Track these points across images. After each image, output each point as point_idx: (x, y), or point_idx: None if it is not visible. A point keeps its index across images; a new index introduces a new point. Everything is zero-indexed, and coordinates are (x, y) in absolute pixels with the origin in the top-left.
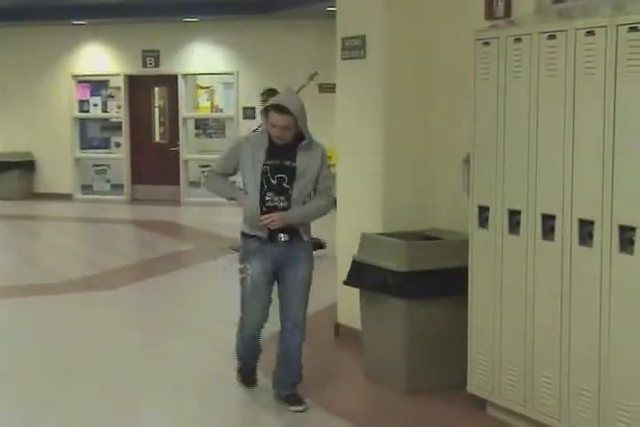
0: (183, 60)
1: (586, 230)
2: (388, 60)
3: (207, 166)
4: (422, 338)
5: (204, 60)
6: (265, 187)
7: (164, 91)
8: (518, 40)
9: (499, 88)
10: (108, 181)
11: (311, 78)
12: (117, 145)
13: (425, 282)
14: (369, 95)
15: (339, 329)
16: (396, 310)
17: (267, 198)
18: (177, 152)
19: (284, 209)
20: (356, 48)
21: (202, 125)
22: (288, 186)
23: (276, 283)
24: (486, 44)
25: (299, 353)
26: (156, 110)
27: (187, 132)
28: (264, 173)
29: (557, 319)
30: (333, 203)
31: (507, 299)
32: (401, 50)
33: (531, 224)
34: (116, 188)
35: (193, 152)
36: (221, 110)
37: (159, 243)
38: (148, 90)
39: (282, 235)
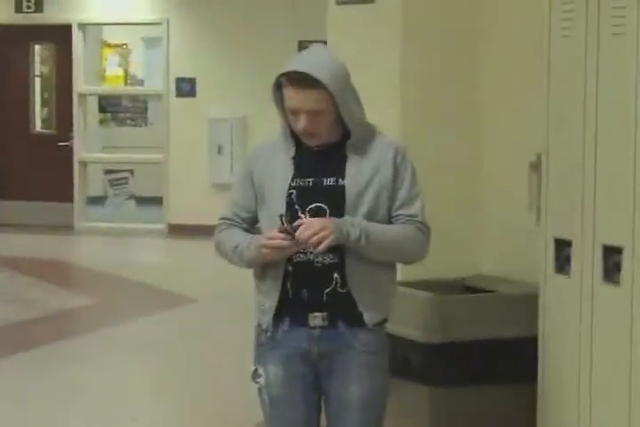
0: (80, 2)
1: None
2: (409, 5)
3: (116, 173)
4: None
5: (113, 1)
6: None
7: (51, 50)
8: None
9: (588, 51)
10: None
11: None
12: None
13: (465, 360)
14: (379, 59)
15: None
16: (421, 402)
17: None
18: (69, 149)
19: (330, 266)
20: None
21: (110, 106)
22: None
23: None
24: None
25: None
26: (37, 81)
27: (85, 118)
28: (289, 204)
29: None
30: (428, 236)
31: (600, 384)
32: None
33: (638, 269)
34: None
35: (95, 149)
36: (142, 82)
37: (40, 295)
38: (25, 49)
39: (316, 315)
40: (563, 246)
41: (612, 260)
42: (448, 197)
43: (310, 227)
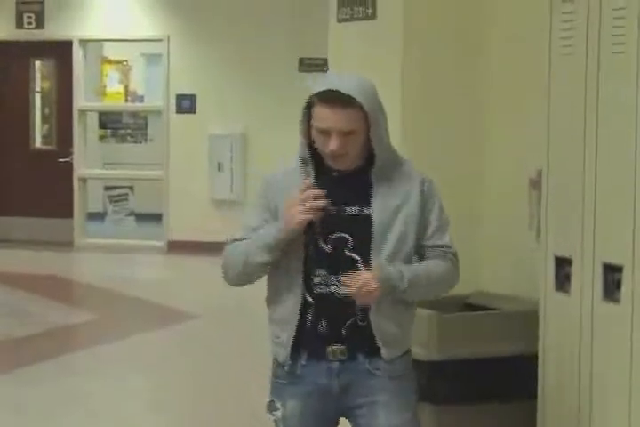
0: (81, 19)
1: None
2: (410, 21)
3: (116, 189)
4: None
5: (114, 18)
6: (312, 258)
7: (51, 66)
8: None
9: (589, 68)
10: None
11: None
12: None
13: (466, 378)
14: (380, 76)
15: None
16: (423, 420)
17: (314, 280)
18: (69, 165)
19: (349, 299)
20: (360, 3)
21: (110, 122)
22: (356, 254)
23: None
24: None
25: None
26: (37, 97)
27: (85, 134)
28: (309, 234)
29: None
30: (458, 267)
31: (600, 402)
32: (432, 7)
33: (638, 287)
34: None
35: (95, 165)
36: (142, 99)
37: (38, 311)
38: (25, 65)
39: (335, 348)
40: (563, 264)
41: (612, 278)
42: (448, 213)
43: (363, 278)
